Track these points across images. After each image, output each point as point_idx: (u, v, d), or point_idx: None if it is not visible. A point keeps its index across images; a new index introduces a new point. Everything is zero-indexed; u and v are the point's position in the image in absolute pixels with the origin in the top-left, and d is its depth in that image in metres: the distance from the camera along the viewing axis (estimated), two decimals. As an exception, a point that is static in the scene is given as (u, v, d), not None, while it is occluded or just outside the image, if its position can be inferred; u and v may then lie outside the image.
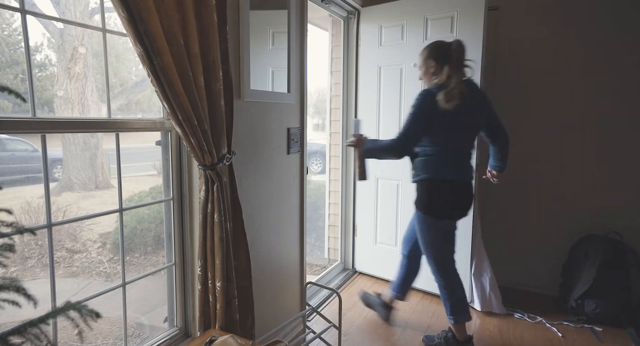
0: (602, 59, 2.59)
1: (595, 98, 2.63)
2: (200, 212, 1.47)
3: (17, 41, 2.27)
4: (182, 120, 1.30)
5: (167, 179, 1.59)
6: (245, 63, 1.68)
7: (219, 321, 1.48)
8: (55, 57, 3.14)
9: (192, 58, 1.31)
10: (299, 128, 2.12)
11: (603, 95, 2.61)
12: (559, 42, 2.69)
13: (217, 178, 1.43)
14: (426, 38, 2.60)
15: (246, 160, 1.75)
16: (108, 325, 2.48)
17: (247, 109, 1.73)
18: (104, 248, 3.47)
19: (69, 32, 3.15)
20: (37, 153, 4.13)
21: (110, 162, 4.48)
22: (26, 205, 3.43)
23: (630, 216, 2.58)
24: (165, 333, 1.63)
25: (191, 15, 1.29)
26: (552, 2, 2.68)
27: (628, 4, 2.50)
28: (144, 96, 3.64)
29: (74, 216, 1.28)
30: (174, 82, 1.25)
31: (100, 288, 1.40)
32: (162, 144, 1.57)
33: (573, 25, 2.64)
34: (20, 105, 1.20)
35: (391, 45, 2.76)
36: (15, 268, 2.99)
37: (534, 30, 2.74)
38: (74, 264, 3.27)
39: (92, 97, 3.68)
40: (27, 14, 1.11)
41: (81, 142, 4.00)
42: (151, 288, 2.29)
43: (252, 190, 1.80)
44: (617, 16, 2.53)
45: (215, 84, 1.39)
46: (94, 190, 4.07)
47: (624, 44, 2.53)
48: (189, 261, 1.64)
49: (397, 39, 2.73)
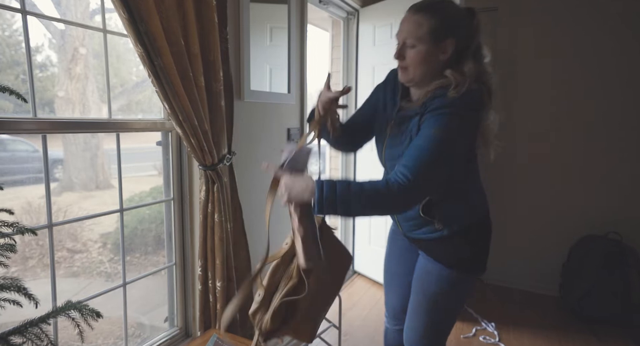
0: (603, 58, 2.59)
1: (595, 98, 2.63)
2: (200, 212, 1.47)
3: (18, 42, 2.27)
4: (183, 120, 1.30)
5: (168, 179, 1.59)
6: (246, 63, 1.68)
7: (219, 321, 1.49)
8: (56, 57, 3.14)
9: (193, 58, 1.32)
10: (299, 129, 2.12)
11: (603, 95, 2.61)
12: (558, 42, 2.69)
13: (217, 179, 1.43)
14: None
15: (246, 161, 1.75)
16: (109, 324, 2.48)
17: (247, 109, 1.73)
18: (104, 248, 3.46)
19: (69, 32, 3.15)
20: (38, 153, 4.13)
21: (111, 162, 4.47)
22: (27, 205, 3.43)
23: (630, 216, 2.58)
24: (165, 333, 1.63)
25: (191, 15, 1.29)
26: (552, 2, 2.68)
27: (629, 4, 2.50)
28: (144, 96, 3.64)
29: (75, 216, 1.28)
30: (174, 82, 1.25)
31: (101, 288, 1.41)
32: (163, 144, 1.57)
33: (573, 26, 2.64)
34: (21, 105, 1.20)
35: (383, 45, 2.74)
36: (16, 268, 2.99)
37: (534, 30, 2.74)
38: (74, 264, 3.27)
39: (93, 98, 3.68)
40: (28, 14, 1.11)
41: (82, 142, 4.00)
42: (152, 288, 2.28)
43: (252, 190, 1.80)
44: (617, 15, 2.53)
45: (215, 84, 1.40)
46: (94, 190, 4.07)
47: (625, 44, 2.53)
48: (189, 261, 1.65)
49: (387, 38, 2.71)
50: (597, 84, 2.61)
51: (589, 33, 2.60)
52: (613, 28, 2.55)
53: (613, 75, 2.57)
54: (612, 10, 2.54)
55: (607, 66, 2.58)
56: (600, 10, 2.56)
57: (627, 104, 2.56)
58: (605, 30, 2.56)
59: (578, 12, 2.62)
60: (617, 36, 2.54)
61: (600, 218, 2.65)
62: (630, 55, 2.52)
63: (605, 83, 2.59)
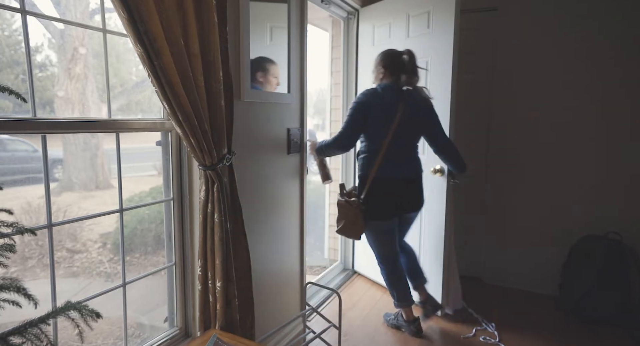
0: (603, 58, 2.59)
1: (595, 98, 2.63)
2: (200, 212, 1.47)
3: (18, 42, 2.27)
4: (182, 120, 1.30)
5: (168, 179, 1.59)
6: (246, 63, 1.68)
7: (219, 321, 1.49)
8: (55, 57, 3.14)
9: (192, 58, 1.31)
10: (299, 129, 2.12)
11: (604, 95, 2.61)
12: (559, 42, 2.69)
13: (217, 179, 1.43)
14: (408, 35, 2.56)
15: (246, 161, 1.75)
16: (108, 325, 2.48)
17: (247, 109, 1.73)
18: (104, 248, 3.47)
19: (69, 32, 3.15)
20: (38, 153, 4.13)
21: (111, 162, 4.47)
22: (27, 205, 3.43)
23: (630, 216, 2.58)
24: (165, 333, 1.63)
25: (191, 15, 1.29)
26: (552, 2, 2.68)
27: (628, 4, 2.50)
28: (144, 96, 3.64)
29: (75, 216, 1.28)
30: (174, 82, 1.25)
31: (100, 288, 1.40)
32: (163, 144, 1.57)
33: (574, 26, 2.64)
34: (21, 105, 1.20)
35: (381, 45, 2.74)
36: (15, 268, 2.99)
37: (534, 30, 2.74)
38: (74, 264, 3.27)
39: (93, 98, 3.68)
40: (28, 14, 1.11)
41: (81, 142, 4.00)
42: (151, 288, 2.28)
43: (252, 190, 1.80)
44: (617, 16, 2.53)
45: (215, 84, 1.40)
46: (94, 190, 4.07)
47: (624, 44, 2.53)
48: (189, 262, 1.64)
49: (386, 38, 2.71)
50: (598, 84, 2.62)
51: (590, 33, 2.60)
52: (613, 28, 2.55)
53: (614, 75, 2.57)
54: (612, 10, 2.54)
55: (608, 66, 2.58)
56: (600, 10, 2.56)
57: (627, 104, 2.56)
58: (605, 30, 2.56)
59: (578, 12, 2.62)
60: (617, 36, 2.54)
61: (601, 218, 2.65)
62: (631, 55, 2.52)
63: (606, 83, 2.59)
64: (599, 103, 2.62)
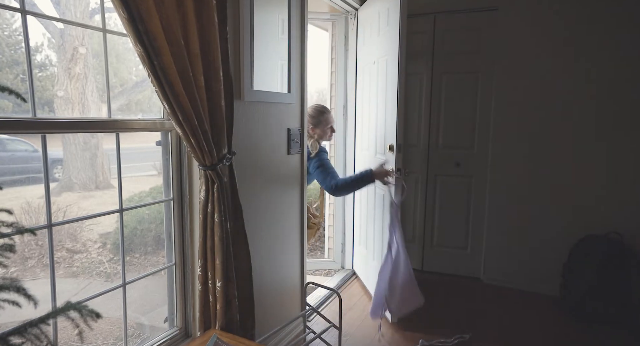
0: (603, 58, 2.59)
1: (596, 98, 2.63)
2: (200, 212, 1.47)
3: (18, 41, 2.28)
4: (182, 120, 1.30)
5: (168, 179, 1.59)
6: (246, 63, 1.68)
7: (219, 322, 1.48)
8: (55, 57, 3.14)
9: (192, 58, 1.31)
10: (299, 129, 2.12)
11: (604, 95, 2.61)
12: (558, 42, 2.69)
13: (217, 179, 1.43)
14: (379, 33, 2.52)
15: (246, 161, 1.75)
16: (108, 325, 2.48)
17: (247, 109, 1.73)
18: (104, 248, 3.47)
19: (69, 32, 3.15)
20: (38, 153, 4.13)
21: (111, 162, 4.48)
22: (26, 205, 3.43)
23: (630, 216, 2.58)
24: (165, 333, 1.63)
25: (191, 15, 1.28)
26: (552, 2, 2.68)
27: (629, 4, 2.50)
28: (144, 96, 3.64)
29: (74, 216, 1.28)
30: (174, 82, 1.25)
31: (100, 288, 1.40)
32: (162, 144, 1.57)
33: (574, 26, 2.64)
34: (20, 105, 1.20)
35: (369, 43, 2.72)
36: (15, 268, 2.99)
37: (534, 30, 2.74)
38: (74, 264, 3.27)
39: (92, 97, 3.68)
40: (28, 14, 1.11)
41: (81, 142, 4.00)
42: (151, 288, 2.29)
43: (252, 190, 1.80)
44: (618, 16, 2.53)
45: (215, 84, 1.39)
46: (94, 190, 4.07)
47: (625, 43, 2.53)
48: (189, 262, 1.64)
49: (374, 36, 2.66)
50: (598, 84, 2.61)
51: (590, 33, 2.60)
52: (614, 28, 2.54)
53: (614, 75, 2.57)
54: (612, 10, 2.54)
55: (608, 66, 2.58)
56: (600, 10, 2.56)
57: (627, 104, 2.56)
58: (606, 29, 2.56)
59: (578, 12, 2.62)
60: (617, 36, 2.54)
61: (601, 219, 2.65)
62: (631, 55, 2.52)
63: (607, 83, 2.59)
64: (600, 103, 2.62)
